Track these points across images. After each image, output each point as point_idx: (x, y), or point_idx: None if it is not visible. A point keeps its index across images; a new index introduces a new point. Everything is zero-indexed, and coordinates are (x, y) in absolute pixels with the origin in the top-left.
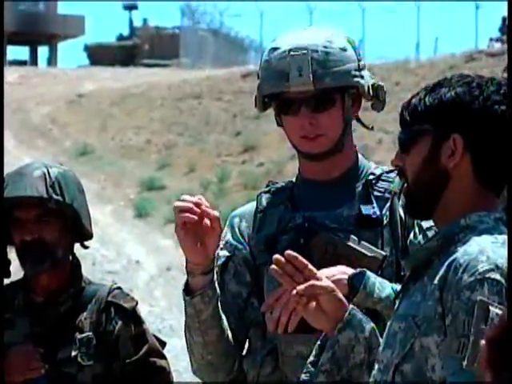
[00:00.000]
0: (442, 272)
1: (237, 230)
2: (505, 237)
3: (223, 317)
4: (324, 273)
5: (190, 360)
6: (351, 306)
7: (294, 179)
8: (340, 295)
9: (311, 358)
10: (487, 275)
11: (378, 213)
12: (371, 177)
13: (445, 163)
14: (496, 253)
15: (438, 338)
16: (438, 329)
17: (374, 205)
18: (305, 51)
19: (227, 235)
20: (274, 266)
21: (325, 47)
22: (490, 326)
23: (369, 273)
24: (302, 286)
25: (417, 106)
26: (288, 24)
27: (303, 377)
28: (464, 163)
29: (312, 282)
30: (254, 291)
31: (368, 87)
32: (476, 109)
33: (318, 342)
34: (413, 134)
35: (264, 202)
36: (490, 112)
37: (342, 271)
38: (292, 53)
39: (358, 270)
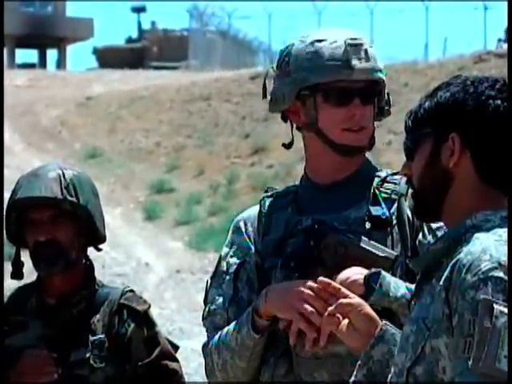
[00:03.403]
0: (446, 273)
1: (245, 234)
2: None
3: None
4: (340, 276)
5: (214, 376)
6: (384, 321)
7: (296, 182)
8: (368, 309)
9: (352, 378)
10: (490, 274)
11: (387, 214)
12: (376, 179)
13: (446, 164)
14: (499, 251)
15: (447, 339)
16: (446, 330)
17: (383, 205)
18: (361, 42)
19: (236, 240)
20: (307, 291)
21: (368, 43)
22: (493, 324)
23: (384, 272)
24: (331, 307)
25: (417, 112)
26: (297, 25)
27: None
28: (464, 161)
29: (340, 300)
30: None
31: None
32: (470, 105)
33: (359, 362)
34: (415, 139)
35: (268, 205)
36: (484, 107)
37: (358, 272)
38: (350, 42)
39: (373, 269)
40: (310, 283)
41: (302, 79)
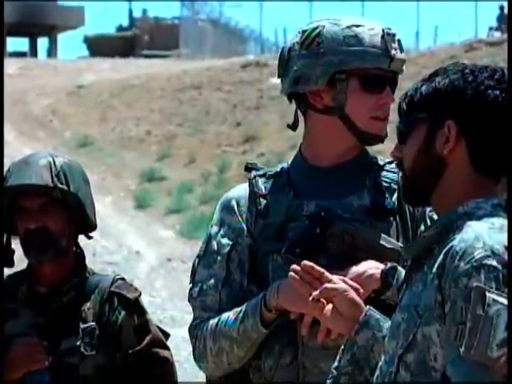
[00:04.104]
0: (439, 260)
1: (237, 213)
2: (502, 222)
3: None
4: (357, 269)
5: (205, 360)
6: (368, 306)
7: (285, 165)
8: (352, 294)
9: (335, 364)
10: (483, 262)
11: (391, 203)
12: (375, 167)
13: (440, 150)
14: (492, 238)
15: (438, 327)
16: (438, 317)
17: (387, 195)
18: (395, 32)
19: (226, 219)
20: (292, 274)
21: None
22: (486, 312)
23: (399, 267)
24: (316, 292)
25: (413, 95)
26: (288, 14)
27: (328, 383)
28: (459, 149)
29: (325, 285)
30: (255, 280)
31: None
32: (469, 94)
33: (342, 347)
34: (409, 123)
35: (261, 186)
36: (483, 97)
37: (374, 266)
38: (387, 31)
39: (390, 264)
40: (295, 266)
41: (340, 62)
